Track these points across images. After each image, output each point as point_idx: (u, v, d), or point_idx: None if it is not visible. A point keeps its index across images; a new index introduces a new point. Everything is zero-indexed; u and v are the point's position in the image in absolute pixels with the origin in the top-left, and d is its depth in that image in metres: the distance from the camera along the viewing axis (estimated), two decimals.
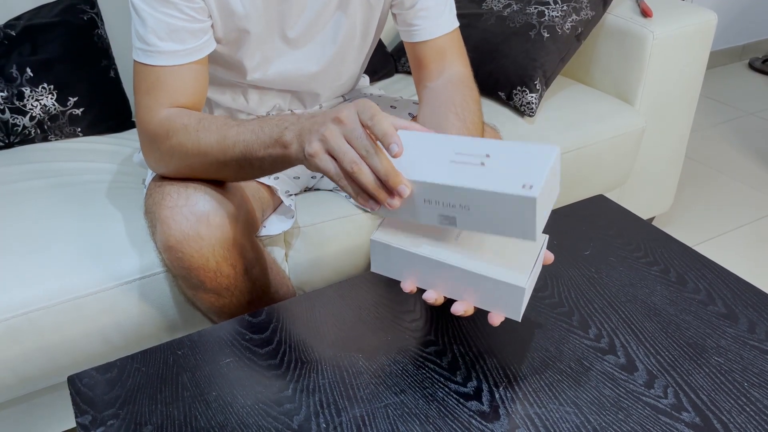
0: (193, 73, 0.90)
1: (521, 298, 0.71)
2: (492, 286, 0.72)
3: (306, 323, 0.86)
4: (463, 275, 0.73)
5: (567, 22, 1.47)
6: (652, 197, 1.75)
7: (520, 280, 0.71)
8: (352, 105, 0.71)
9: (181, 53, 0.88)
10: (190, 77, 0.90)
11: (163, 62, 0.88)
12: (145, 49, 0.88)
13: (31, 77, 1.30)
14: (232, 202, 0.92)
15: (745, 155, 2.31)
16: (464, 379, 0.76)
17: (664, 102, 1.58)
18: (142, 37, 0.88)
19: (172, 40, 0.87)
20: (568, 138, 1.42)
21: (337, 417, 0.72)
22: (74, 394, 0.76)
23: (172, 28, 0.87)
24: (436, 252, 0.74)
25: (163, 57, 0.88)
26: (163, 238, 0.88)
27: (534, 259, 0.74)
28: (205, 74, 0.93)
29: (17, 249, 1.04)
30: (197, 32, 0.90)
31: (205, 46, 0.92)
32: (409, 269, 0.77)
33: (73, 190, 1.18)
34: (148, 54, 0.88)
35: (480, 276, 0.72)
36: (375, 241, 0.77)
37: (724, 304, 0.87)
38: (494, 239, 0.76)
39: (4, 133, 1.30)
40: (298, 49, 1.03)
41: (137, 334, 1.08)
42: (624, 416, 0.71)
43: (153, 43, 0.87)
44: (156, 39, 0.87)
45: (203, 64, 0.92)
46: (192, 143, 0.86)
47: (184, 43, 0.88)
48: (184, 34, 0.88)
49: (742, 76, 2.93)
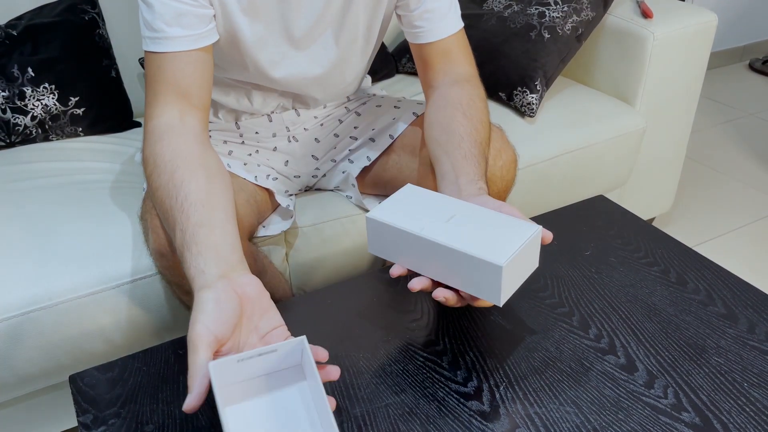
0: (199, 62, 0.90)
1: (499, 279, 0.72)
2: (472, 265, 0.73)
3: (306, 323, 0.86)
4: (448, 254, 0.75)
5: (567, 22, 1.47)
6: (653, 198, 1.75)
7: (498, 259, 0.72)
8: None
9: (187, 38, 0.89)
10: (196, 66, 0.90)
11: (171, 48, 0.88)
12: (153, 36, 0.88)
13: (33, 77, 1.31)
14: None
15: (746, 156, 2.31)
16: (465, 378, 0.77)
17: (665, 103, 1.58)
18: (149, 24, 0.88)
19: (180, 25, 0.88)
20: (569, 138, 1.42)
21: (338, 416, 0.72)
22: (76, 393, 0.76)
23: (179, 11, 0.87)
24: (425, 231, 0.77)
25: (171, 43, 0.88)
26: (155, 246, 0.88)
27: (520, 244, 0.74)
28: (210, 65, 0.93)
29: (19, 248, 1.04)
30: (203, 17, 0.90)
31: (210, 33, 0.92)
32: (401, 248, 0.79)
33: (75, 190, 1.18)
34: (156, 41, 0.88)
35: (461, 254, 0.73)
36: (370, 219, 0.80)
37: (724, 304, 0.87)
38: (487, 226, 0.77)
39: (6, 132, 1.30)
40: (301, 51, 1.03)
41: (138, 333, 1.08)
42: (624, 416, 0.71)
43: (161, 29, 0.87)
44: (163, 24, 0.87)
45: (208, 53, 0.92)
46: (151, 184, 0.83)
47: (191, 28, 0.89)
48: (191, 18, 0.89)
49: (742, 77, 2.93)
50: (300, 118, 1.18)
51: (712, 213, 2.00)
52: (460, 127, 0.94)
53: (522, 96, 1.44)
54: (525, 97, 1.43)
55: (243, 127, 1.17)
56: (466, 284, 0.75)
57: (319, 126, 1.20)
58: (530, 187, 1.38)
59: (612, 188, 1.57)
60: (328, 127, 1.20)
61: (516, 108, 1.46)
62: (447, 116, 0.96)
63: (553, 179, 1.42)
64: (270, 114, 1.16)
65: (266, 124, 1.17)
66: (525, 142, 1.38)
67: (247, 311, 0.69)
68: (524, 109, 1.44)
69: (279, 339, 0.69)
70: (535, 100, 1.43)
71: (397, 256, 0.80)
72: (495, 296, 0.74)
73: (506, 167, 1.04)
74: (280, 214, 1.13)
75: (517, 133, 1.40)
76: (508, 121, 1.43)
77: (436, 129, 0.96)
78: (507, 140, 1.05)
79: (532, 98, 1.43)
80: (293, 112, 1.17)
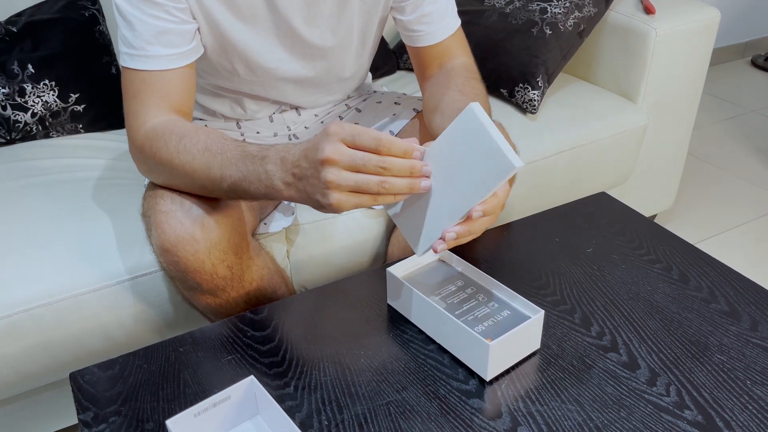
0: (181, 78, 0.89)
1: (486, 355, 0.74)
2: (465, 336, 0.76)
3: (307, 320, 0.86)
4: (447, 321, 0.78)
5: (569, 18, 1.47)
6: (655, 194, 1.75)
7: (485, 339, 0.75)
8: (321, 140, 0.70)
9: (167, 57, 0.87)
10: (177, 82, 0.89)
11: (150, 66, 0.87)
12: (131, 53, 0.87)
13: (33, 73, 1.30)
14: (228, 204, 0.92)
15: (748, 152, 2.31)
16: (466, 376, 0.76)
17: (667, 99, 1.58)
18: (128, 42, 0.87)
19: (160, 44, 0.86)
20: (570, 135, 1.42)
21: (339, 414, 0.72)
22: (76, 390, 0.76)
23: (160, 30, 0.86)
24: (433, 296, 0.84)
25: (150, 61, 0.87)
26: (159, 242, 0.88)
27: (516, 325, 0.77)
28: (192, 80, 0.91)
29: (19, 245, 1.04)
30: (185, 34, 0.89)
31: (192, 52, 0.91)
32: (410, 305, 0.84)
33: (75, 187, 1.18)
34: (135, 58, 0.87)
35: (457, 324, 0.76)
36: (389, 273, 0.86)
37: (726, 301, 0.86)
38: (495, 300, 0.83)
39: (6, 129, 1.30)
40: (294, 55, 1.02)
41: (139, 330, 1.08)
42: (626, 414, 0.71)
43: (140, 47, 0.86)
44: (143, 42, 0.86)
45: (191, 68, 0.91)
46: (176, 165, 0.84)
47: (171, 46, 0.87)
48: (172, 37, 0.87)
49: (744, 74, 2.92)
50: (301, 117, 1.17)
51: (715, 210, 2.00)
52: (457, 104, 0.92)
53: (523, 92, 1.43)
54: (527, 93, 1.43)
55: (244, 127, 1.16)
56: (460, 352, 0.78)
57: (320, 124, 1.20)
58: (532, 183, 1.38)
59: (614, 185, 1.57)
60: None
61: (517, 104, 1.46)
62: (444, 97, 0.95)
63: (555, 176, 1.41)
64: (270, 115, 1.16)
65: (267, 124, 1.16)
66: (527, 138, 1.37)
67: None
68: (526, 106, 1.44)
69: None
70: (536, 97, 1.42)
71: (408, 312, 0.85)
72: (483, 371, 0.76)
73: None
74: (282, 211, 1.13)
75: (518, 130, 1.39)
76: (509, 118, 1.43)
77: (434, 113, 0.95)
78: (508, 137, 1.05)
79: (534, 95, 1.42)
80: (294, 112, 1.17)
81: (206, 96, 1.11)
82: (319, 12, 0.98)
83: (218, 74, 1.03)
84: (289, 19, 0.96)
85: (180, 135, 0.84)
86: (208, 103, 1.12)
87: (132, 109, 0.89)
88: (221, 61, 0.99)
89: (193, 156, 0.82)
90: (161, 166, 0.86)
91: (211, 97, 1.11)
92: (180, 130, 0.85)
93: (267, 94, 1.09)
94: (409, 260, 0.88)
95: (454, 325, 0.77)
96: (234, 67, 1.00)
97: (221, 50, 0.97)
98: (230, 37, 0.95)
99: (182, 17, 0.88)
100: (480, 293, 0.84)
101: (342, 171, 0.68)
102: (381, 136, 0.68)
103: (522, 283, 0.90)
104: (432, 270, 0.88)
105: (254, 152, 0.78)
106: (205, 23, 0.92)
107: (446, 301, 0.82)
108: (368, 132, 0.68)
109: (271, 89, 1.08)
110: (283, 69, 1.03)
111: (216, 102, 1.11)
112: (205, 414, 0.68)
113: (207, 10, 0.91)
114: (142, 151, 0.88)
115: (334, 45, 1.03)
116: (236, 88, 1.07)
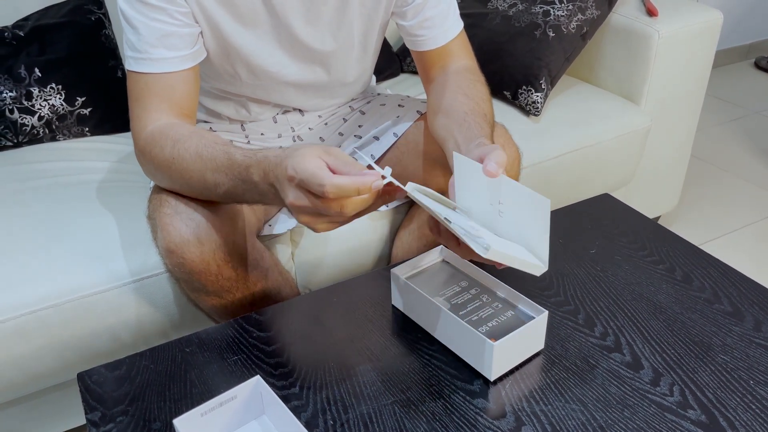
0: (184, 81, 0.90)
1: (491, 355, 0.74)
2: (470, 336, 0.76)
3: (312, 321, 0.86)
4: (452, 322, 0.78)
5: (572, 21, 1.47)
6: (658, 196, 1.75)
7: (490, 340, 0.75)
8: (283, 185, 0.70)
9: (171, 60, 0.88)
10: (181, 85, 0.90)
11: (154, 69, 0.88)
12: (136, 57, 0.88)
13: (40, 77, 1.31)
14: (232, 205, 0.93)
15: (751, 154, 2.31)
16: (470, 376, 0.77)
17: (670, 101, 1.58)
18: (133, 45, 0.88)
19: (164, 47, 0.87)
20: (574, 137, 1.42)
21: (344, 414, 0.72)
22: (84, 391, 0.77)
23: (164, 33, 0.87)
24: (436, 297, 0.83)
25: (154, 64, 0.88)
26: (164, 244, 0.89)
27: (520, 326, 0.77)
28: (195, 83, 0.92)
29: (26, 247, 1.04)
30: (188, 38, 0.90)
31: (196, 54, 0.92)
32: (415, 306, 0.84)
33: (81, 189, 1.19)
34: (140, 61, 0.88)
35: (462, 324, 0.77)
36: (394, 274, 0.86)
37: (729, 302, 0.87)
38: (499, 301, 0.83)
39: (13, 132, 1.31)
40: (295, 59, 1.03)
41: (145, 331, 1.08)
42: (630, 414, 0.71)
43: (144, 50, 0.87)
44: (147, 46, 0.87)
45: (194, 71, 0.92)
46: (173, 169, 0.85)
47: (175, 49, 0.88)
48: (176, 39, 0.88)
49: (747, 75, 2.92)
50: (304, 118, 1.18)
51: (718, 211, 2.00)
52: (462, 106, 0.92)
53: (527, 95, 1.44)
54: (530, 95, 1.43)
55: (248, 129, 1.17)
56: (464, 352, 0.79)
57: (324, 125, 1.20)
58: (535, 185, 1.38)
59: (617, 186, 1.57)
60: (332, 126, 1.20)
61: (521, 107, 1.46)
62: (448, 99, 0.95)
63: (559, 178, 1.42)
64: (274, 116, 1.17)
65: (271, 126, 1.17)
66: (530, 140, 1.38)
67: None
68: (529, 108, 1.44)
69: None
70: (540, 99, 1.43)
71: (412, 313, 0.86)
72: (487, 371, 0.76)
73: (509, 165, 1.04)
74: (286, 213, 1.13)
75: (522, 132, 1.40)
76: (512, 120, 1.43)
77: (438, 114, 0.95)
78: (510, 138, 1.05)
79: (537, 97, 1.43)
80: (297, 113, 1.17)
81: (211, 99, 1.12)
82: (319, 16, 0.98)
83: (221, 78, 1.04)
84: (289, 22, 0.97)
85: (174, 139, 0.85)
86: (212, 106, 1.13)
87: (135, 112, 0.90)
88: (223, 65, 1.00)
89: (186, 161, 0.83)
90: (161, 170, 0.87)
91: (215, 100, 1.12)
92: (175, 135, 0.85)
93: (270, 97, 1.09)
94: (412, 261, 0.88)
95: (458, 326, 0.77)
96: (236, 71, 1.01)
97: (223, 54, 0.98)
98: (231, 40, 0.96)
99: (185, 21, 0.89)
100: (484, 294, 0.84)
101: (308, 212, 0.70)
102: (325, 184, 0.65)
103: (526, 284, 0.91)
104: (436, 271, 0.89)
105: (240, 161, 0.78)
106: (207, 27, 0.93)
107: (450, 301, 0.83)
108: (315, 178, 0.66)
109: (274, 93, 1.09)
110: (284, 73, 1.03)
111: (220, 105, 1.12)
112: (212, 413, 0.69)
113: (208, 13, 0.92)
114: (143, 155, 0.89)
115: (335, 49, 1.04)
116: (239, 91, 1.07)
